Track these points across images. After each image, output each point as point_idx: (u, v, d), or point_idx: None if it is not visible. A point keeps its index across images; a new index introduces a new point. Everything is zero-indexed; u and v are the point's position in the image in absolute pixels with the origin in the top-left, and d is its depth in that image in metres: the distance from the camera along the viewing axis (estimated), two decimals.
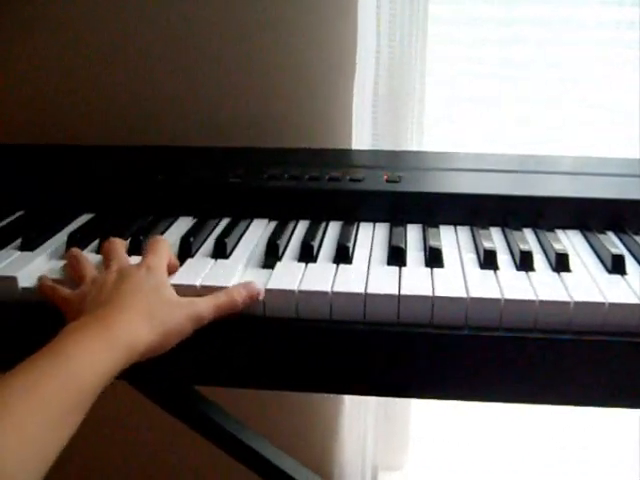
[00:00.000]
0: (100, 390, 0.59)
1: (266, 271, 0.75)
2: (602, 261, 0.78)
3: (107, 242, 0.78)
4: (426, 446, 1.50)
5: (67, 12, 1.15)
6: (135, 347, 0.63)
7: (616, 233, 0.85)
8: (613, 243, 0.80)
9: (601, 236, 0.82)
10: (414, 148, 1.19)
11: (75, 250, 0.78)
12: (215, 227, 0.88)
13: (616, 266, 0.75)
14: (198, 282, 0.72)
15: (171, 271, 0.74)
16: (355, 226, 0.87)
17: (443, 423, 1.49)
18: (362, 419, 1.36)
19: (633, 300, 0.69)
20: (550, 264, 0.77)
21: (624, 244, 0.82)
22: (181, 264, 0.77)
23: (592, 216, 0.86)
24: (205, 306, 0.68)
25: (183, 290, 0.72)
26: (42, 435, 0.53)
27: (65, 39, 1.16)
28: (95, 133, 1.18)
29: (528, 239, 0.81)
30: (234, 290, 0.70)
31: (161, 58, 1.16)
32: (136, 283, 0.69)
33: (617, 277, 0.74)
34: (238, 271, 0.75)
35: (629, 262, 0.77)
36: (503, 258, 0.78)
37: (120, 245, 0.78)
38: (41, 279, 0.74)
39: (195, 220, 0.90)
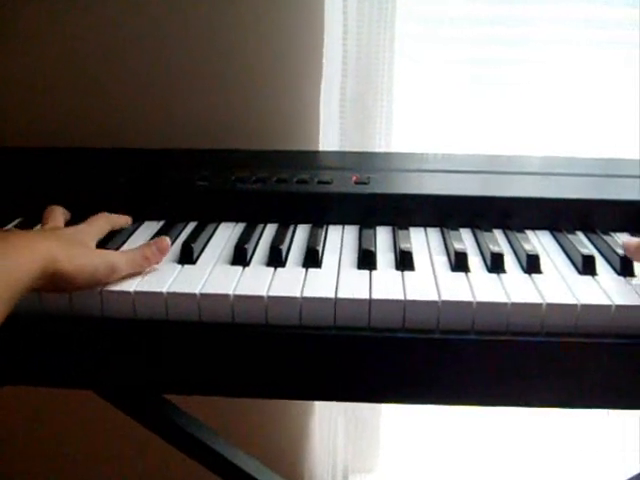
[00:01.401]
0: (13, 299, 0.62)
1: (234, 276, 0.74)
2: (573, 262, 0.78)
3: (48, 208, 0.82)
4: (397, 448, 1.49)
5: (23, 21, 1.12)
6: (49, 263, 0.66)
7: (586, 233, 0.85)
8: (583, 244, 0.80)
9: (571, 236, 0.82)
10: (383, 149, 1.18)
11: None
12: (182, 231, 0.86)
13: (587, 267, 0.75)
14: (164, 289, 0.71)
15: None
16: (324, 229, 0.86)
17: (414, 425, 1.48)
18: (332, 422, 1.35)
19: (604, 301, 0.68)
20: (521, 265, 0.77)
21: (594, 244, 0.82)
22: (147, 270, 0.76)
23: (562, 216, 0.86)
24: (119, 257, 0.74)
25: (149, 297, 0.70)
26: None
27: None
28: (60, 136, 1.16)
29: (499, 240, 0.81)
30: (145, 246, 0.76)
31: (130, 61, 1.14)
32: (61, 234, 0.76)
33: (588, 278, 0.74)
34: (205, 276, 0.74)
35: (599, 262, 0.77)
36: (474, 260, 0.78)
37: (58, 211, 0.82)
38: None
39: (161, 224, 0.88)
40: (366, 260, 0.76)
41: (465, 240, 0.81)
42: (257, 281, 0.72)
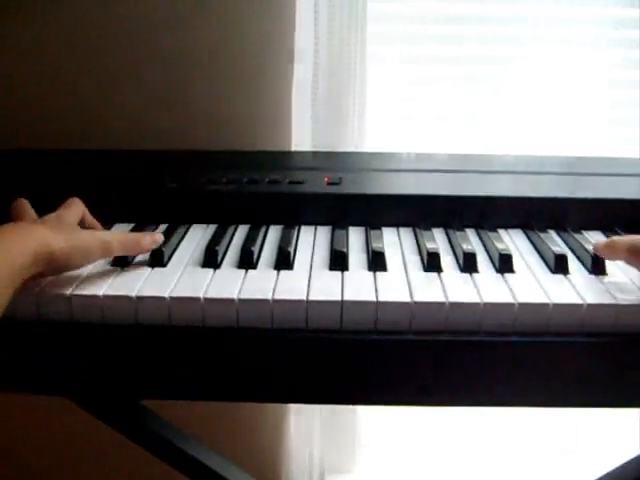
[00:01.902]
0: (12, 287, 0.64)
1: (205, 279, 0.73)
2: (545, 261, 0.78)
3: (17, 201, 0.78)
4: (374, 449, 1.49)
5: None
6: (42, 247, 0.66)
7: (557, 232, 0.85)
8: (555, 242, 0.80)
9: (543, 235, 0.82)
10: (355, 149, 1.17)
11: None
12: None
13: (559, 266, 0.75)
14: (134, 293, 0.69)
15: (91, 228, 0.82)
16: (296, 230, 0.85)
17: (390, 426, 1.48)
18: (309, 423, 1.35)
19: (576, 300, 0.68)
20: (494, 265, 0.76)
21: (566, 243, 0.82)
22: (116, 274, 0.75)
23: (534, 215, 0.86)
24: (112, 237, 0.75)
25: (119, 301, 0.69)
26: None
27: None
28: (30, 137, 1.14)
29: (471, 240, 0.80)
30: (140, 234, 0.78)
31: (102, 65, 1.13)
32: (45, 219, 0.75)
33: (560, 277, 0.74)
34: (175, 279, 0.73)
35: (571, 261, 0.77)
36: (447, 260, 0.77)
37: (28, 205, 0.78)
38: None
39: (131, 227, 0.87)
40: (338, 261, 0.76)
41: (438, 240, 0.81)
42: (228, 284, 0.71)
